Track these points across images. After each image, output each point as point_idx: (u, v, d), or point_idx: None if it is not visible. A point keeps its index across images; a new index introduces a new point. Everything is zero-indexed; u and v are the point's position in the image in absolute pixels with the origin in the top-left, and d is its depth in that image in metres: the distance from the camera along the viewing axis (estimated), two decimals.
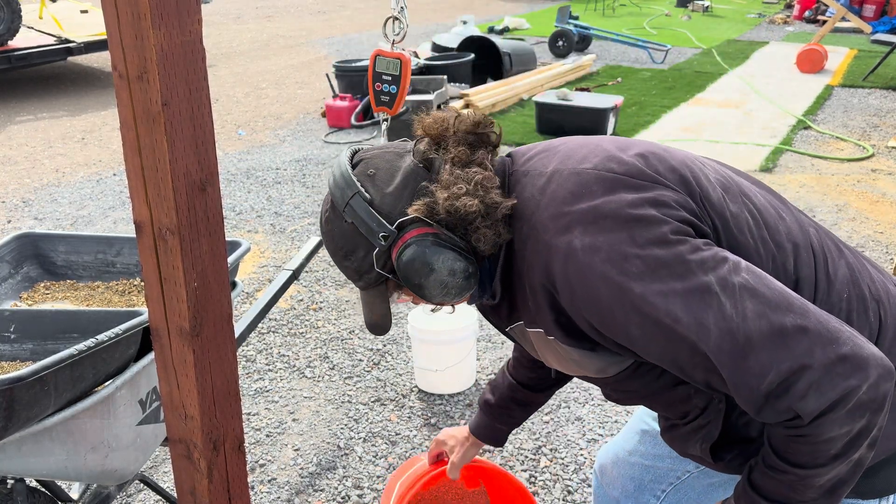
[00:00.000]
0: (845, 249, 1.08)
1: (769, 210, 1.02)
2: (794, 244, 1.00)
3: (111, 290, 1.97)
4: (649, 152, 1.01)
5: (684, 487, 1.29)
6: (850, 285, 1.00)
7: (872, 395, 0.85)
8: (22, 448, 1.39)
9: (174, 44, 0.97)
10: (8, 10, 6.91)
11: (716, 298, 0.87)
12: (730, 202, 0.99)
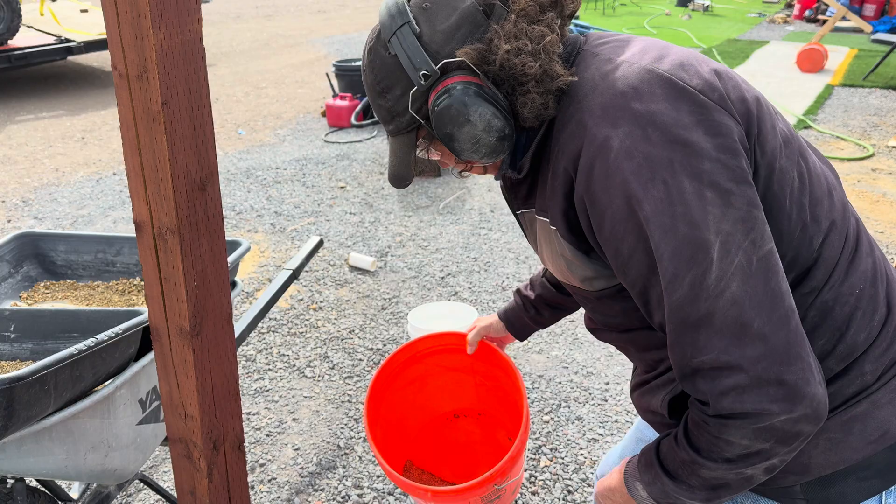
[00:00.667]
0: (877, 251, 1.02)
1: (821, 181, 0.95)
2: (831, 222, 0.94)
3: (111, 289, 1.97)
4: (726, 74, 0.94)
5: None
6: (868, 283, 0.95)
7: (786, 428, 0.83)
8: (22, 447, 1.39)
9: (174, 43, 0.97)
10: (8, 9, 6.91)
11: (707, 262, 0.83)
12: (784, 156, 0.92)
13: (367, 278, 3.60)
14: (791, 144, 0.94)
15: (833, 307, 0.92)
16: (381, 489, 2.25)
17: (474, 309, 2.81)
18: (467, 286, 3.50)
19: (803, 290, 0.92)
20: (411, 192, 4.72)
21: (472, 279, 3.57)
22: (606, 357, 2.92)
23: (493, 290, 3.46)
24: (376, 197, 4.66)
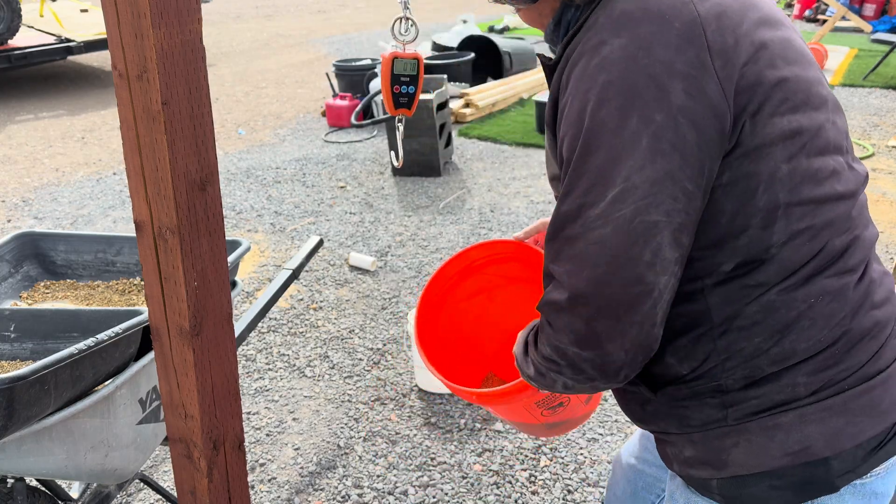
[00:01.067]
0: (877, 277, 0.97)
1: (824, 186, 0.91)
2: (806, 227, 0.90)
3: (111, 289, 1.97)
4: (771, 45, 0.88)
5: None
6: (832, 300, 0.91)
7: (575, 361, 0.89)
8: (22, 447, 1.39)
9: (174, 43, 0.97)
10: (8, 9, 6.91)
11: (600, 199, 0.84)
12: (784, 146, 0.88)
13: (367, 278, 3.60)
14: (804, 137, 0.89)
15: (779, 308, 0.90)
16: (380, 489, 2.25)
17: None
18: None
19: (748, 282, 0.90)
20: (411, 192, 4.72)
21: None
22: None
23: None
24: (376, 197, 4.66)
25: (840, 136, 0.94)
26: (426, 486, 2.26)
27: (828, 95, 0.94)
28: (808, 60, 0.94)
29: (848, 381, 0.91)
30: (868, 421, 0.90)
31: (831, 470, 0.90)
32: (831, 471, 0.90)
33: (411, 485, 2.26)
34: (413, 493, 2.23)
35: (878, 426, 0.90)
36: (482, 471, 2.32)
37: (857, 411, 0.90)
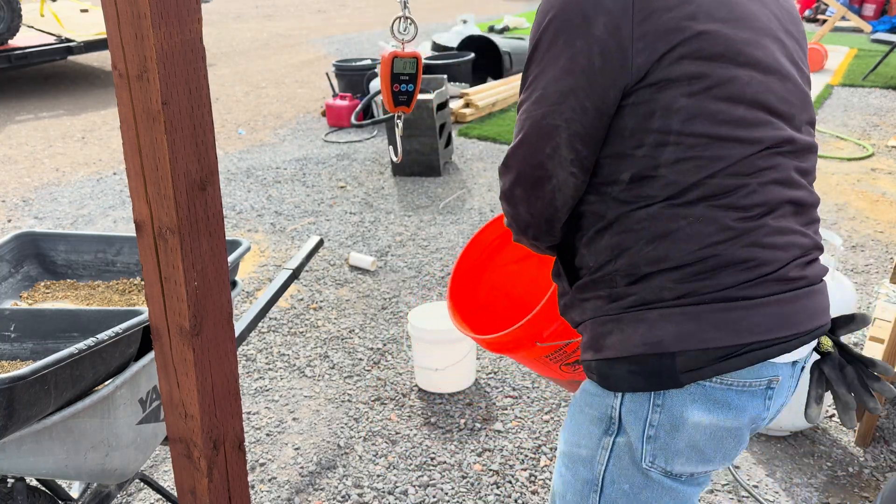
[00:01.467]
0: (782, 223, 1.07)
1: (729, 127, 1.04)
2: (695, 156, 1.03)
3: (111, 289, 1.97)
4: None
5: None
6: (715, 226, 1.04)
7: (506, 207, 1.16)
8: (22, 447, 1.39)
9: (174, 43, 0.97)
10: (8, 9, 6.91)
11: (531, 88, 1.07)
12: (693, 85, 1.02)
13: (367, 278, 3.60)
14: (707, 82, 1.02)
15: (661, 219, 1.04)
16: (381, 488, 2.25)
17: None
18: None
19: (640, 192, 1.06)
20: (411, 192, 4.72)
21: None
22: None
23: None
24: (376, 197, 4.66)
25: (770, 97, 1.06)
26: (426, 486, 2.26)
27: (766, 59, 1.06)
28: (747, 24, 1.06)
29: (707, 297, 1.03)
30: (718, 333, 1.02)
31: (676, 365, 1.03)
32: (676, 365, 1.03)
33: (411, 484, 2.27)
34: (413, 493, 2.23)
35: (727, 340, 1.02)
36: (482, 470, 2.32)
37: (710, 323, 1.02)
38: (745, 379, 1.05)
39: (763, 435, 2.46)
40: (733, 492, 2.22)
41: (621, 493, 1.12)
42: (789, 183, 1.08)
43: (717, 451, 1.09)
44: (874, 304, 3.22)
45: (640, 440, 1.09)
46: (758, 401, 1.07)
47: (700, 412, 1.05)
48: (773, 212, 1.06)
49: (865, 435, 2.39)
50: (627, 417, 1.09)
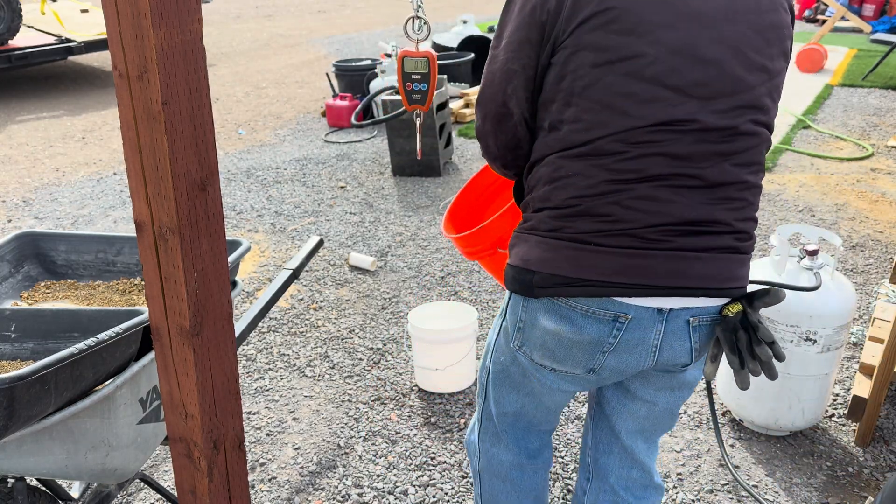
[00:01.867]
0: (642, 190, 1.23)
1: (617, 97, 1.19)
2: (584, 121, 1.21)
3: (111, 289, 1.97)
4: None
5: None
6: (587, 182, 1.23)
7: (479, 131, 1.40)
8: (22, 447, 1.39)
9: (174, 43, 0.97)
10: (8, 9, 6.91)
11: (495, 44, 1.32)
12: (591, 58, 1.19)
13: (367, 278, 3.60)
14: (610, 54, 1.18)
15: (554, 167, 1.27)
16: (380, 488, 2.25)
17: (474, 309, 2.82)
18: (467, 286, 3.50)
19: (548, 141, 1.28)
20: (411, 192, 4.73)
21: (472, 279, 3.57)
22: None
23: (494, 290, 3.46)
24: (376, 197, 4.67)
25: (675, 77, 1.18)
26: (426, 486, 2.26)
27: (679, 41, 1.17)
28: (671, 8, 1.17)
29: (566, 235, 1.26)
30: (565, 265, 1.25)
31: (533, 280, 1.29)
32: (533, 281, 1.29)
33: (411, 484, 2.27)
34: (413, 493, 2.23)
35: (570, 272, 1.25)
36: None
37: (562, 255, 1.26)
38: (590, 307, 1.26)
39: (763, 435, 2.47)
40: (733, 492, 2.22)
41: (499, 363, 1.49)
42: (683, 158, 1.21)
43: (567, 356, 1.33)
44: (874, 303, 3.23)
45: (513, 328, 1.39)
46: (603, 327, 1.28)
47: (547, 320, 1.31)
48: (648, 181, 1.21)
49: (865, 435, 2.39)
50: (510, 310, 1.40)
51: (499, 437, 1.61)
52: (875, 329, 2.65)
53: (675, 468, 2.32)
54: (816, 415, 2.39)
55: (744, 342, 1.29)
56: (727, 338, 1.30)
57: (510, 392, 1.51)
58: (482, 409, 1.61)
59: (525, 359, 1.41)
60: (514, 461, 1.62)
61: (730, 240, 1.27)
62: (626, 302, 1.25)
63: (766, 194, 4.60)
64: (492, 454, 1.63)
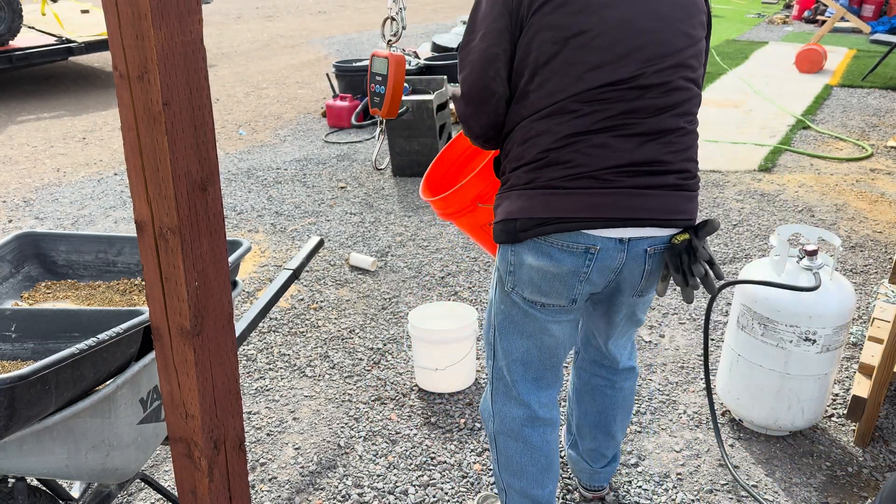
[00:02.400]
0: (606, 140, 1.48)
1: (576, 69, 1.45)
2: (550, 90, 1.47)
3: (112, 289, 1.98)
4: None
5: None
6: (552, 138, 1.48)
7: (464, 127, 1.65)
8: (23, 447, 1.39)
9: (175, 44, 0.97)
10: (9, 9, 6.91)
11: (469, 31, 1.54)
12: (551, 39, 1.44)
13: (367, 278, 3.61)
14: (565, 32, 1.43)
15: (525, 129, 1.51)
16: (381, 488, 2.25)
17: (474, 309, 2.82)
18: (467, 286, 3.50)
19: (520, 109, 1.52)
20: (411, 192, 4.73)
21: (472, 279, 3.57)
22: None
23: None
24: (377, 197, 4.67)
25: (618, 46, 1.44)
26: (426, 486, 2.26)
27: (619, 16, 1.44)
28: None
29: (539, 184, 1.50)
30: (540, 208, 1.50)
31: (517, 227, 1.54)
32: (517, 227, 1.54)
33: (411, 484, 2.27)
34: (413, 493, 2.23)
35: (544, 214, 1.50)
36: (482, 470, 2.32)
37: (537, 201, 1.51)
38: (565, 241, 1.52)
39: (762, 435, 2.47)
40: (732, 492, 2.22)
41: (501, 312, 1.70)
42: (629, 111, 1.47)
43: (551, 289, 1.59)
44: (873, 304, 3.23)
45: (505, 273, 1.63)
46: (577, 259, 1.53)
47: (532, 258, 1.56)
48: (602, 132, 1.47)
49: (864, 435, 2.39)
50: (500, 259, 1.64)
51: (510, 393, 1.78)
52: (874, 329, 2.65)
53: (675, 468, 2.33)
54: (816, 415, 2.40)
55: (686, 263, 1.54)
56: (673, 261, 1.56)
57: (515, 337, 1.70)
58: (493, 370, 1.78)
59: (518, 298, 1.64)
60: (525, 415, 1.78)
61: (674, 178, 1.52)
62: (593, 234, 1.50)
63: (766, 194, 4.61)
64: (504, 413, 1.79)
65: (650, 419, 2.56)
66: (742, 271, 2.44)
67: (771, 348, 2.29)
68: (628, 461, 2.36)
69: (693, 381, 2.77)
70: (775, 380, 2.32)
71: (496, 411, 1.81)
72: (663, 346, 3.00)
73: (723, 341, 2.79)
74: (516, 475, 1.83)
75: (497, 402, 1.80)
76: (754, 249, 3.86)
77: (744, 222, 4.19)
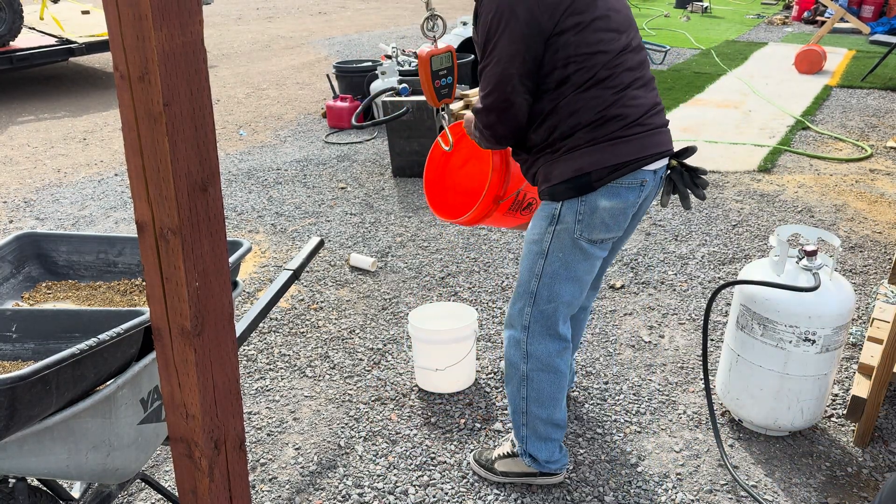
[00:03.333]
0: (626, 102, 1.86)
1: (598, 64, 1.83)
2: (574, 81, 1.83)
3: (113, 289, 1.98)
4: None
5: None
6: (589, 111, 1.84)
7: (482, 128, 1.94)
8: (23, 447, 1.39)
9: (175, 44, 0.98)
10: (10, 10, 6.92)
11: (489, 49, 1.83)
12: (574, 43, 1.80)
13: (367, 278, 3.61)
14: (583, 24, 1.80)
15: (572, 102, 1.84)
16: (381, 488, 2.26)
17: (474, 309, 2.82)
18: (467, 286, 3.51)
19: (558, 91, 1.84)
20: (411, 193, 4.73)
21: (472, 279, 3.57)
22: (605, 357, 2.93)
23: (494, 291, 3.47)
24: (377, 198, 4.67)
25: (613, 24, 1.85)
26: (426, 486, 2.26)
27: (607, 5, 1.85)
28: None
29: (602, 139, 1.85)
30: (610, 157, 1.84)
31: (591, 178, 1.86)
32: (591, 179, 1.86)
33: (411, 484, 2.27)
34: (413, 493, 2.24)
35: (614, 161, 1.84)
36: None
37: (605, 153, 1.85)
38: (628, 181, 1.87)
39: (762, 435, 2.47)
40: (732, 492, 2.23)
41: (557, 258, 1.96)
42: (634, 68, 1.89)
43: (615, 224, 1.93)
44: (873, 304, 3.23)
45: (574, 223, 1.91)
46: (634, 193, 1.90)
47: (605, 200, 1.88)
48: (630, 86, 1.87)
49: (864, 435, 2.39)
50: (565, 213, 1.91)
51: (549, 331, 2.05)
52: (874, 329, 2.65)
53: (675, 468, 2.33)
54: (815, 415, 2.40)
55: (688, 178, 1.97)
56: (676, 178, 1.97)
57: (565, 283, 1.99)
58: (531, 315, 2.04)
59: (585, 242, 1.93)
60: (559, 347, 2.07)
61: (665, 116, 1.98)
62: (645, 169, 1.89)
63: (766, 195, 4.61)
64: (541, 350, 2.06)
65: (650, 419, 2.56)
66: (742, 272, 2.44)
67: (770, 348, 2.30)
68: (628, 461, 2.36)
69: (693, 382, 2.77)
70: (775, 380, 2.32)
71: (532, 351, 2.06)
72: (663, 347, 3.00)
73: (722, 341, 2.79)
74: (544, 405, 2.12)
75: (533, 343, 2.06)
76: (754, 250, 3.86)
77: (743, 223, 4.20)
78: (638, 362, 2.90)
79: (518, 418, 2.16)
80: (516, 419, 2.17)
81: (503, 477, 2.24)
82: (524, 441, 2.18)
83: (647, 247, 3.91)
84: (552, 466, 2.20)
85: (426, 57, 2.07)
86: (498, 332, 3.13)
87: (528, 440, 2.17)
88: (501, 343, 3.05)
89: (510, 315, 2.10)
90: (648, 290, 3.46)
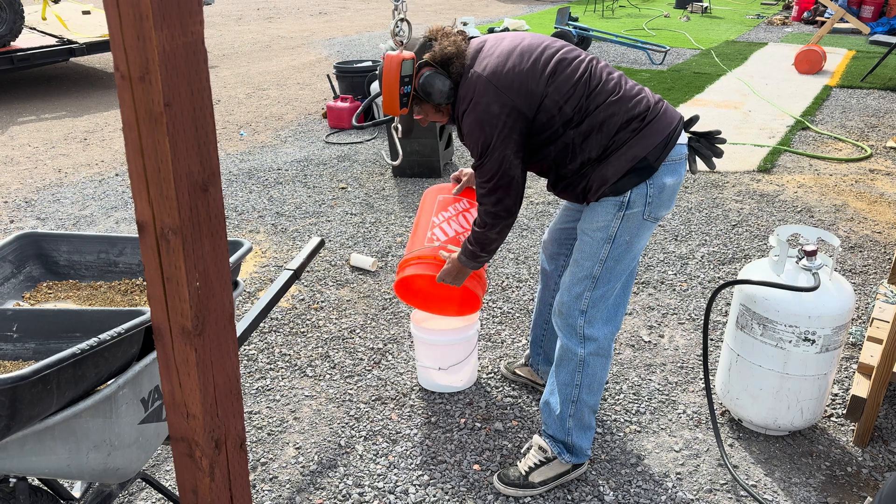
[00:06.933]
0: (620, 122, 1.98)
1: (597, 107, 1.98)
2: (574, 130, 1.99)
3: (113, 289, 1.98)
4: (526, 68, 1.97)
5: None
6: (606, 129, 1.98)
7: (488, 233, 2.10)
8: (24, 447, 1.40)
9: (176, 45, 0.98)
10: (10, 10, 6.92)
11: (487, 153, 1.98)
12: (565, 108, 1.97)
13: (367, 278, 3.61)
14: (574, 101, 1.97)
15: (593, 117, 1.98)
16: (381, 488, 2.26)
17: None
18: None
19: (573, 126, 1.98)
20: (412, 193, 4.73)
21: None
22: None
23: (493, 290, 3.47)
24: (377, 198, 4.68)
25: (597, 72, 2.03)
26: (426, 486, 2.27)
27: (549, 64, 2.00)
28: (532, 57, 2.00)
29: (641, 127, 1.97)
30: (657, 136, 1.96)
31: (649, 161, 1.96)
32: (649, 161, 1.96)
33: (412, 484, 2.27)
34: (413, 492, 2.24)
35: (659, 138, 1.97)
36: (482, 470, 2.33)
37: (649, 135, 1.96)
38: (678, 155, 2.01)
39: (762, 435, 2.47)
40: (732, 491, 2.23)
41: (624, 241, 2.03)
42: (614, 80, 2.03)
43: (672, 198, 2.04)
44: (872, 304, 3.23)
45: (643, 206, 1.99)
46: (683, 167, 2.03)
47: (668, 178, 1.99)
48: (624, 85, 2.02)
49: (864, 435, 2.40)
50: (634, 199, 1.98)
51: (608, 314, 2.13)
52: (874, 329, 2.65)
53: (675, 468, 2.33)
54: (815, 415, 2.40)
55: (705, 144, 2.15)
56: (696, 145, 2.15)
57: (624, 261, 2.07)
58: (590, 300, 2.10)
59: (650, 220, 2.03)
60: (614, 330, 2.16)
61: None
62: (680, 143, 2.02)
63: (765, 195, 4.61)
64: (601, 333, 2.13)
65: (650, 419, 2.56)
66: (741, 271, 2.45)
67: (770, 348, 2.30)
68: (628, 461, 2.37)
69: (692, 381, 2.78)
70: (774, 380, 2.32)
71: (591, 335, 2.12)
72: (663, 346, 3.00)
73: (722, 341, 2.79)
74: (594, 391, 2.18)
75: (595, 327, 2.12)
76: (753, 250, 3.86)
77: (743, 223, 4.20)
78: (638, 362, 2.90)
79: (566, 409, 2.18)
80: (564, 410, 2.19)
81: (542, 487, 2.22)
82: (569, 433, 2.20)
83: (646, 246, 3.91)
84: (588, 455, 2.25)
85: (398, 60, 1.94)
86: (499, 332, 3.13)
87: (573, 431, 2.20)
88: (502, 343, 3.05)
89: (563, 303, 2.13)
90: (648, 289, 3.46)
